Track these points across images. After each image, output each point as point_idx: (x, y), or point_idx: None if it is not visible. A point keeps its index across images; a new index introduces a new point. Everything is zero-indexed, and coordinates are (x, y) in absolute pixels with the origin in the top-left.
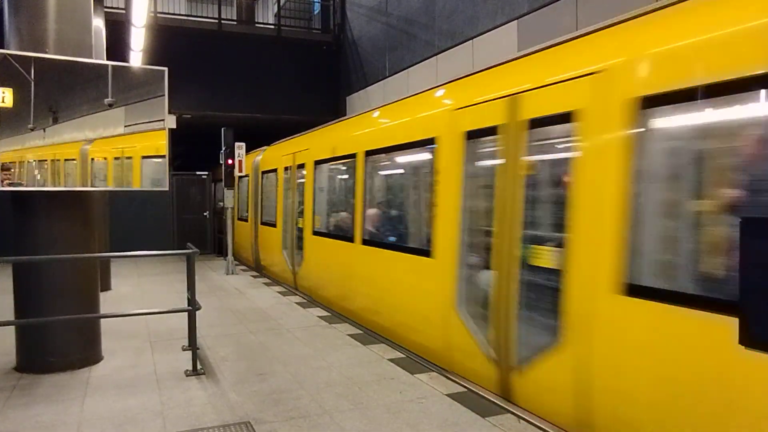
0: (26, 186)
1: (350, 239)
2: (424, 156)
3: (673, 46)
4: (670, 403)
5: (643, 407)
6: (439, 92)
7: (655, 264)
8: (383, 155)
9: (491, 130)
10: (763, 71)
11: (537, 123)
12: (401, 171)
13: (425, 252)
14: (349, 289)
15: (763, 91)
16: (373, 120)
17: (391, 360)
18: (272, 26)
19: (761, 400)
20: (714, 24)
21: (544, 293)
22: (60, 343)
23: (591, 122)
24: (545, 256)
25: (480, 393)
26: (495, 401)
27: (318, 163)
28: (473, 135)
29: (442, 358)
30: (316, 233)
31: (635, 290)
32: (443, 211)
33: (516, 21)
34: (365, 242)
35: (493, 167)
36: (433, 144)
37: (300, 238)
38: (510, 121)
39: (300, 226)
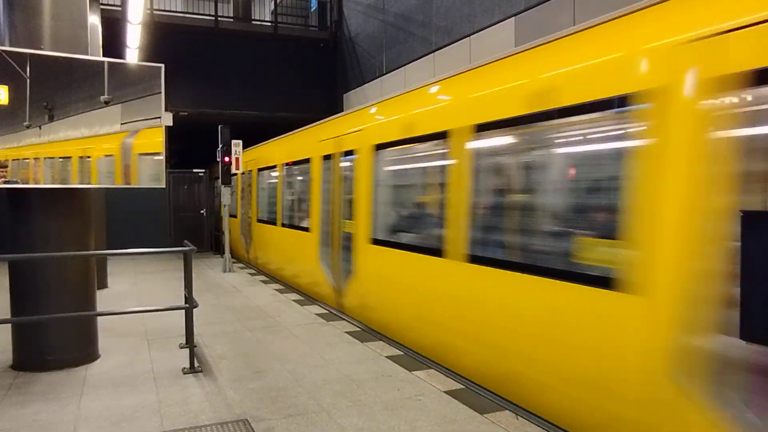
0: (22, 183)
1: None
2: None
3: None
4: (383, 291)
5: (375, 295)
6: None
7: (381, 228)
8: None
9: (346, 153)
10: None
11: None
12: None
13: (306, 229)
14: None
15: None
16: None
17: (389, 357)
18: (269, 23)
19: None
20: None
21: (348, 247)
22: (56, 341)
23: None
24: (348, 226)
25: (475, 390)
26: (335, 313)
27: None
28: (327, 157)
29: (312, 291)
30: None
31: (374, 242)
32: (314, 204)
33: (513, 18)
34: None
35: (329, 175)
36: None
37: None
38: (336, 151)
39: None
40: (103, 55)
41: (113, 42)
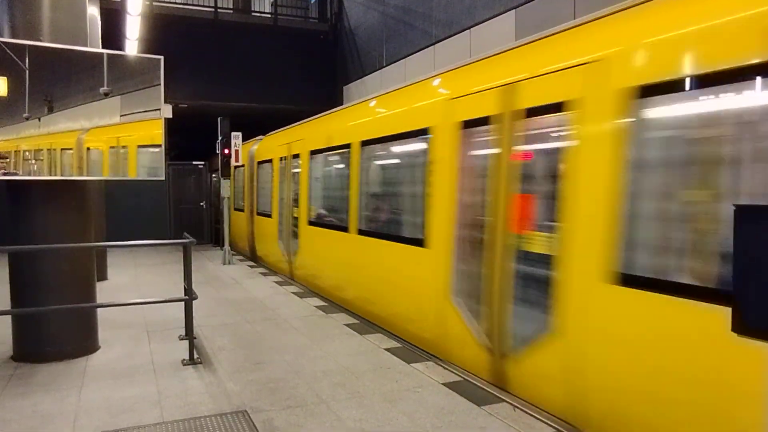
0: (21, 175)
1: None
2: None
3: None
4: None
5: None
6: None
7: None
8: None
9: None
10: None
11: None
12: None
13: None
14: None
15: None
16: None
17: (388, 349)
18: (269, 15)
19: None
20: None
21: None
22: (56, 332)
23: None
24: (295, 212)
25: (475, 382)
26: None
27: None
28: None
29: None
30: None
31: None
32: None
33: (513, 10)
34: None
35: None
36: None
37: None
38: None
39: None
40: (103, 47)
41: (112, 33)
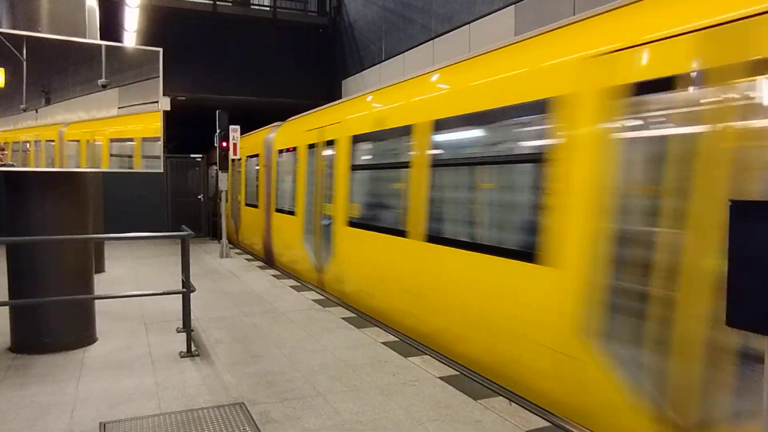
0: (18, 167)
1: None
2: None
3: None
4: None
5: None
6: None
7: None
8: None
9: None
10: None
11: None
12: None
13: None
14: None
15: None
16: None
17: (385, 343)
18: (268, 8)
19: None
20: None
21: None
22: (54, 324)
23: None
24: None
25: (472, 377)
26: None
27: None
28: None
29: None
30: None
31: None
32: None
33: (513, 6)
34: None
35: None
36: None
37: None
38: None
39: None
40: (101, 39)
41: (111, 25)
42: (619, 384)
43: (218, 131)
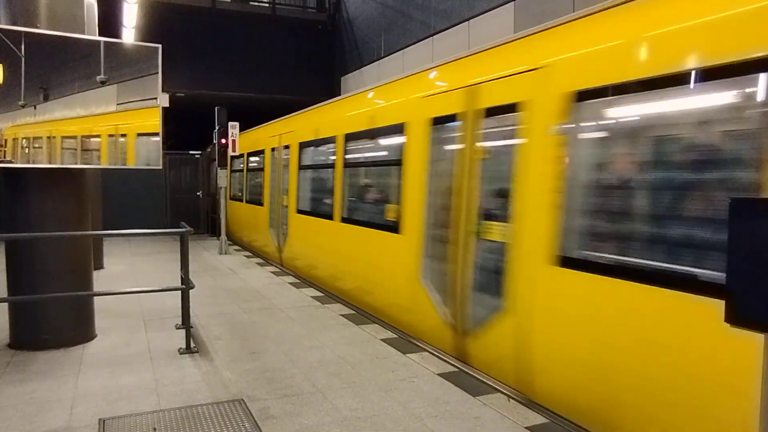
0: (17, 163)
1: None
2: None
3: None
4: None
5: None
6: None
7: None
8: None
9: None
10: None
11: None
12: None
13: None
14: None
15: None
16: None
17: (384, 340)
18: (267, 4)
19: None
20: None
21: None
22: (53, 320)
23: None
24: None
25: (471, 373)
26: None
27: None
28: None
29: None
30: None
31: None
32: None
33: (513, 2)
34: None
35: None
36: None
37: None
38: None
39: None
40: (100, 35)
41: (109, 21)
42: (434, 307)
43: (217, 128)
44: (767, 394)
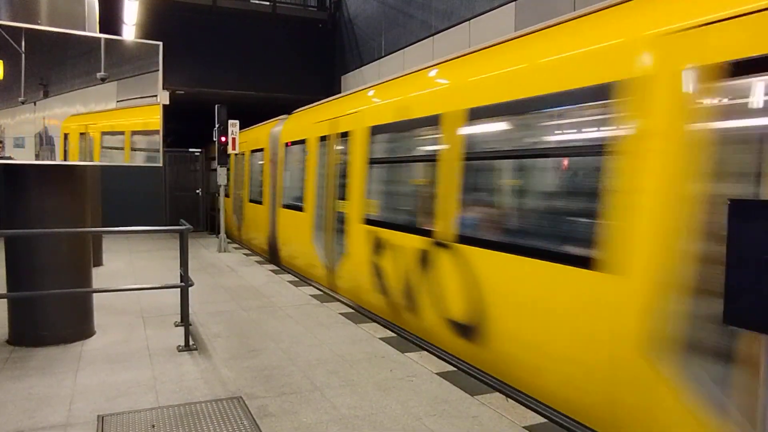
0: (16, 159)
1: None
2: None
3: None
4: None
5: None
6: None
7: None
8: None
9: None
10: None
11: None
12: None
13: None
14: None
15: None
16: None
17: (382, 339)
18: (267, 2)
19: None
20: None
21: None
22: (52, 317)
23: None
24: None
25: (468, 371)
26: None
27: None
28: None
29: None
30: None
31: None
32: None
33: (513, 3)
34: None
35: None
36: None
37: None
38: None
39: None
40: (100, 32)
41: (110, 18)
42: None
43: (217, 125)
44: (767, 394)
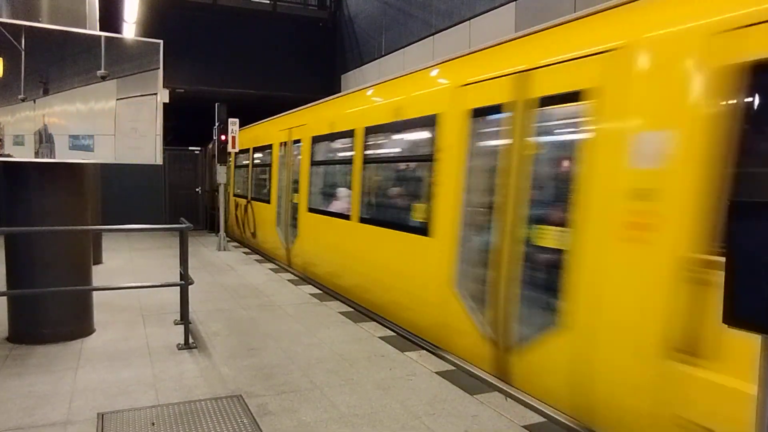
0: (16, 157)
1: None
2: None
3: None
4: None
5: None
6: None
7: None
8: None
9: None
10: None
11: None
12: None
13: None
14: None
15: None
16: None
17: (382, 338)
18: (267, 1)
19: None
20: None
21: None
22: (52, 314)
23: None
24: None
25: (470, 370)
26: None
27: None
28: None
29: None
30: None
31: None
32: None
33: (514, 2)
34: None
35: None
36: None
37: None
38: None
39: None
40: (100, 29)
41: (110, 16)
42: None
43: (217, 124)
44: (766, 394)
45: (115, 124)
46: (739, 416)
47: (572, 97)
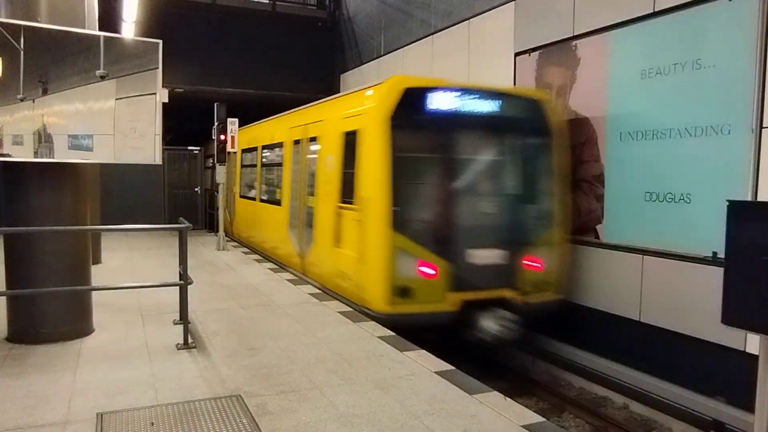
0: (14, 157)
1: None
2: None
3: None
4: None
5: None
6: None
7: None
8: None
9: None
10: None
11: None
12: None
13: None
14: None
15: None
16: None
17: (381, 337)
18: (267, 1)
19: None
20: None
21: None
22: (51, 314)
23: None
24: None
25: (465, 371)
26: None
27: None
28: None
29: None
30: None
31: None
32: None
33: (513, 2)
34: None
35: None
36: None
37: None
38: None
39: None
40: (99, 29)
41: (109, 16)
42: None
43: (216, 124)
44: (766, 394)
45: (114, 123)
46: (350, 265)
47: (315, 139)
